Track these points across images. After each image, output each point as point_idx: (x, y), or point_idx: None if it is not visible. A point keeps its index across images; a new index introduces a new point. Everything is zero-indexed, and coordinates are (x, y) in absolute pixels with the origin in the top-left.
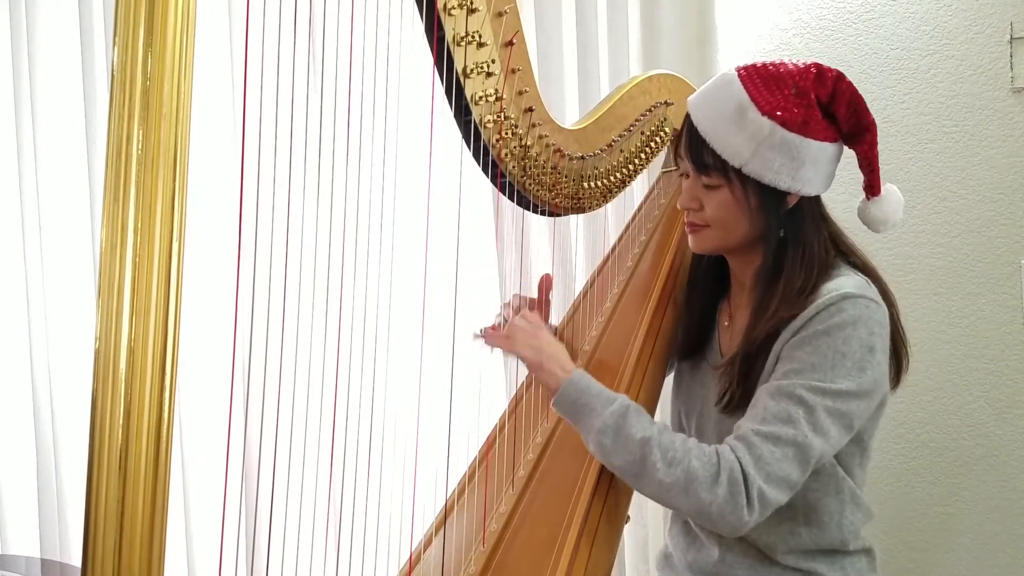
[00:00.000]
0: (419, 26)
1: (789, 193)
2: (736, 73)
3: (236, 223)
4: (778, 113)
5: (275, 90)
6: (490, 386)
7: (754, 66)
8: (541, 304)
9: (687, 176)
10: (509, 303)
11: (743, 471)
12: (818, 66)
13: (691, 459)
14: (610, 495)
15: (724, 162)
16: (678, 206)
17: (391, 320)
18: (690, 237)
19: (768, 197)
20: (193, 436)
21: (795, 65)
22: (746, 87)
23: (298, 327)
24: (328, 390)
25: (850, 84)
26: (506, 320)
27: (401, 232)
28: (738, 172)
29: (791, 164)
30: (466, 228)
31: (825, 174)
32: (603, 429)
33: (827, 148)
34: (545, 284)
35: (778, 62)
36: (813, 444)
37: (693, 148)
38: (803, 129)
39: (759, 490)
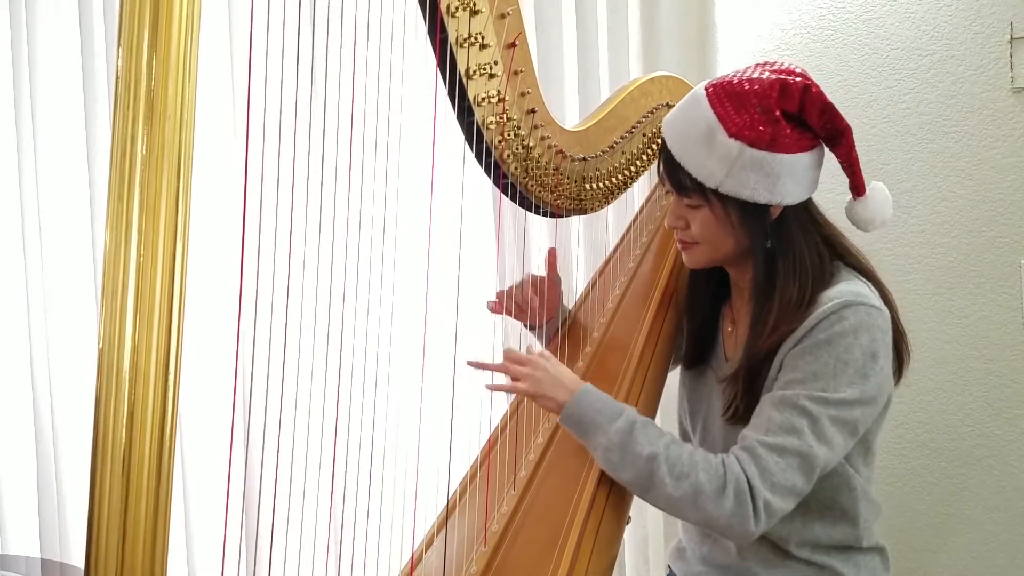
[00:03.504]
0: (422, 28)
1: (771, 205)
2: (704, 92)
3: (240, 224)
4: (745, 133)
5: (279, 92)
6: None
7: (721, 83)
8: (550, 282)
9: (672, 194)
10: (524, 280)
11: (749, 483)
12: (782, 81)
13: (698, 472)
14: (612, 496)
15: (700, 184)
16: (666, 225)
17: (393, 319)
18: (683, 254)
19: (749, 212)
20: (195, 436)
21: (760, 81)
22: (713, 107)
23: (300, 327)
24: (330, 389)
25: (819, 92)
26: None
27: (403, 233)
28: (715, 192)
29: (766, 180)
30: (467, 229)
31: (807, 181)
32: (609, 447)
33: (802, 158)
34: (551, 260)
35: (745, 76)
36: (817, 454)
37: (670, 170)
38: (772, 146)
39: (765, 501)
